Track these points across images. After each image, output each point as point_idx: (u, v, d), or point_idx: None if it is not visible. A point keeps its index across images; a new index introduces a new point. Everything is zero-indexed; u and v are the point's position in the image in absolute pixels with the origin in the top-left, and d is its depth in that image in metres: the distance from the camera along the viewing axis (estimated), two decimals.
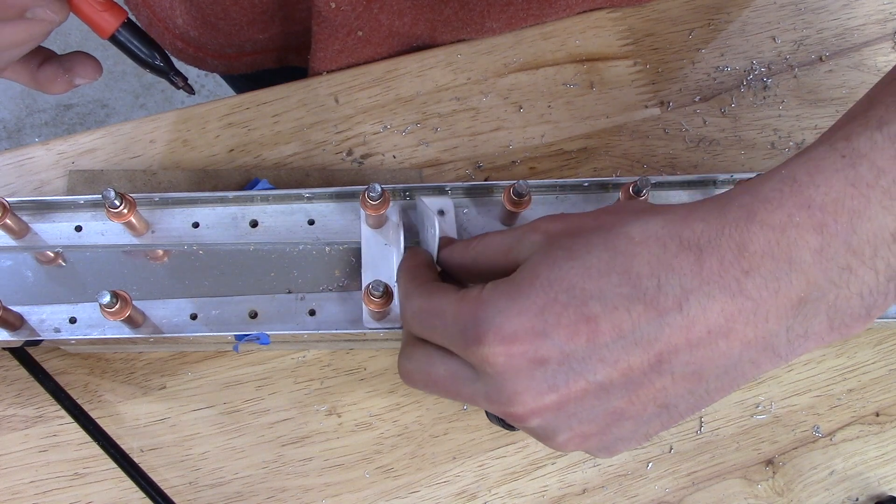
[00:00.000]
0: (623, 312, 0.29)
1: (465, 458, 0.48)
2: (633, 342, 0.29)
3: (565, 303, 0.30)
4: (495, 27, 0.55)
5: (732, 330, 0.29)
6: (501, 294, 0.31)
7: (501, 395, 0.31)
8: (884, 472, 0.50)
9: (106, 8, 0.41)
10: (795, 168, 0.30)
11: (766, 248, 0.28)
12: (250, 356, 0.48)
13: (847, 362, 0.51)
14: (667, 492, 0.48)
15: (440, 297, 0.34)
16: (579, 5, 0.56)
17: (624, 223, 0.31)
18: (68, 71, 0.43)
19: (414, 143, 0.53)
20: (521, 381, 0.30)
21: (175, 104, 1.53)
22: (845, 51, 0.57)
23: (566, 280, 0.30)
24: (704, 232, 0.29)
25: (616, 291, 0.29)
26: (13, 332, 0.44)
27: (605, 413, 0.31)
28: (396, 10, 0.52)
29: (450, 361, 0.33)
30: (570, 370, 0.30)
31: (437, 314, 0.33)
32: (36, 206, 0.46)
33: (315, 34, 0.52)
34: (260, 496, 0.46)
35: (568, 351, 0.30)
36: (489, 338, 0.30)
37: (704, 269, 0.29)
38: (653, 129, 0.54)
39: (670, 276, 0.29)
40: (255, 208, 0.47)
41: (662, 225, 0.30)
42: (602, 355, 0.30)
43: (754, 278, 0.28)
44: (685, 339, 0.29)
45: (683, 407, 0.31)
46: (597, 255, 0.30)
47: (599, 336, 0.29)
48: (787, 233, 0.28)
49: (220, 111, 0.53)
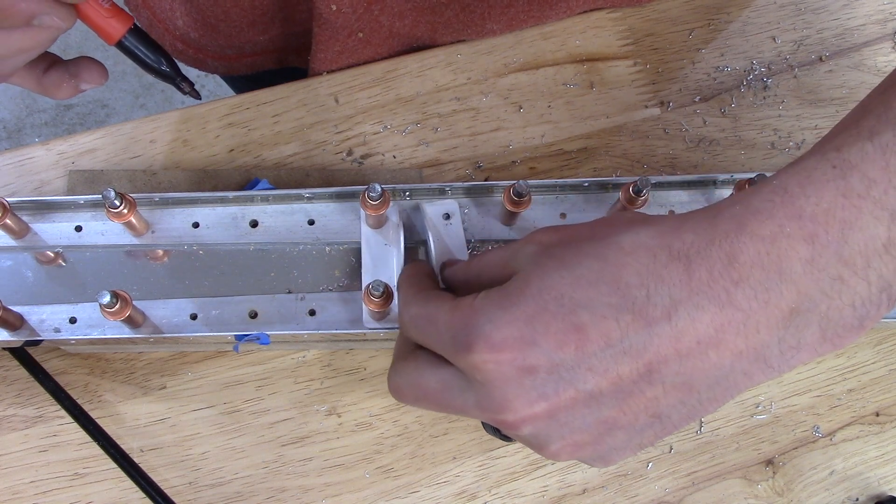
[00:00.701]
0: (611, 322, 0.29)
1: (465, 458, 0.48)
2: (621, 351, 0.29)
3: (554, 312, 0.30)
4: (496, 29, 0.55)
5: (722, 341, 0.29)
6: (492, 302, 0.32)
7: (492, 403, 0.31)
8: (884, 472, 0.50)
9: (112, 14, 0.41)
10: (787, 179, 0.30)
11: (756, 258, 0.28)
12: (250, 356, 0.48)
13: (847, 362, 0.51)
14: (667, 492, 0.48)
15: (436, 303, 0.34)
16: (579, 6, 0.56)
17: (616, 233, 0.31)
18: (74, 76, 0.43)
19: (414, 143, 0.53)
20: (510, 388, 0.31)
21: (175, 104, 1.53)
22: (845, 51, 0.57)
23: (556, 289, 0.30)
24: (694, 243, 0.29)
25: (605, 301, 0.30)
26: (13, 332, 0.44)
27: (597, 422, 0.31)
28: (397, 12, 0.52)
29: (441, 371, 0.34)
30: (560, 378, 0.30)
31: (431, 320, 0.34)
32: (36, 206, 0.46)
33: (315, 35, 0.52)
34: (260, 496, 0.46)
35: (557, 360, 0.30)
36: (479, 345, 0.31)
37: (693, 279, 0.29)
38: (653, 129, 0.54)
39: (659, 287, 0.29)
40: (255, 208, 0.47)
41: (653, 235, 0.30)
42: (591, 364, 0.30)
43: (744, 289, 0.28)
44: (674, 349, 0.29)
45: (676, 417, 0.31)
46: (587, 264, 0.31)
47: (588, 345, 0.30)
48: (777, 243, 0.28)
49: (220, 111, 0.53)
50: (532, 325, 0.30)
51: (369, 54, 0.54)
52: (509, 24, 0.55)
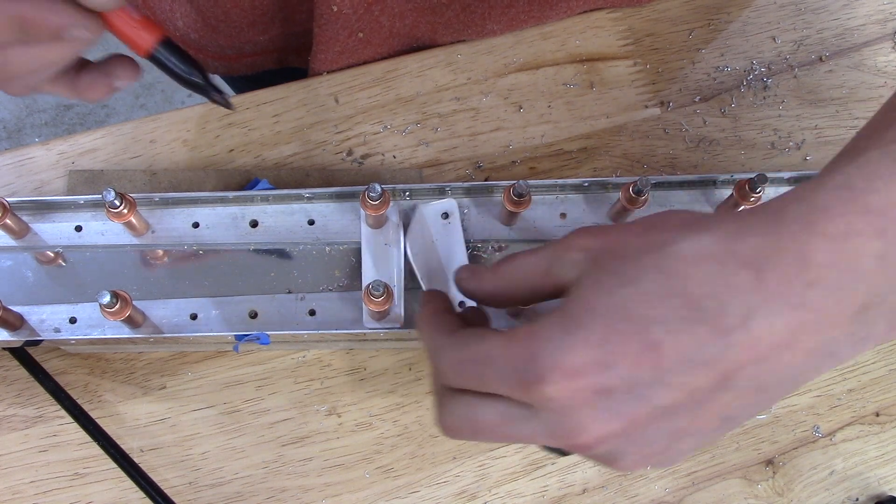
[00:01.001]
0: (686, 335, 0.29)
1: (465, 458, 0.48)
2: (698, 364, 0.29)
3: (626, 331, 0.29)
4: (496, 29, 0.55)
5: (796, 342, 0.29)
6: (557, 328, 0.30)
7: (565, 429, 0.31)
8: (884, 472, 0.50)
9: (143, 25, 0.39)
10: (849, 174, 0.29)
11: (830, 258, 0.28)
12: (250, 356, 0.48)
13: (847, 362, 0.51)
14: (667, 492, 0.48)
15: (479, 342, 0.32)
16: (580, 6, 0.56)
17: (673, 241, 0.30)
18: (108, 75, 0.41)
19: (414, 143, 0.53)
20: (586, 412, 0.30)
21: (175, 104, 1.53)
22: (845, 51, 0.57)
23: (624, 308, 0.30)
24: (761, 247, 0.29)
25: (677, 315, 0.29)
26: (13, 332, 0.44)
27: (670, 433, 0.31)
28: (397, 13, 0.52)
29: (498, 404, 0.32)
30: (636, 397, 0.30)
31: (482, 361, 0.32)
32: (36, 206, 0.46)
33: (316, 36, 0.52)
34: (260, 496, 0.46)
35: (633, 379, 0.29)
36: (552, 375, 0.30)
37: (766, 285, 0.28)
38: (653, 129, 0.54)
39: (731, 295, 0.29)
40: (255, 208, 0.47)
41: (714, 241, 0.30)
42: (667, 380, 0.29)
43: (818, 290, 0.28)
44: (750, 355, 0.29)
45: (744, 416, 0.31)
46: (651, 278, 0.30)
47: (664, 361, 0.29)
48: (849, 241, 0.28)
49: (220, 111, 0.53)
50: (605, 347, 0.29)
51: (369, 54, 0.54)
52: (510, 24, 0.55)
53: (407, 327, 0.45)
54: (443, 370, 0.34)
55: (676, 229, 0.31)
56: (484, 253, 0.47)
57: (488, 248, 0.47)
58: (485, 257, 0.47)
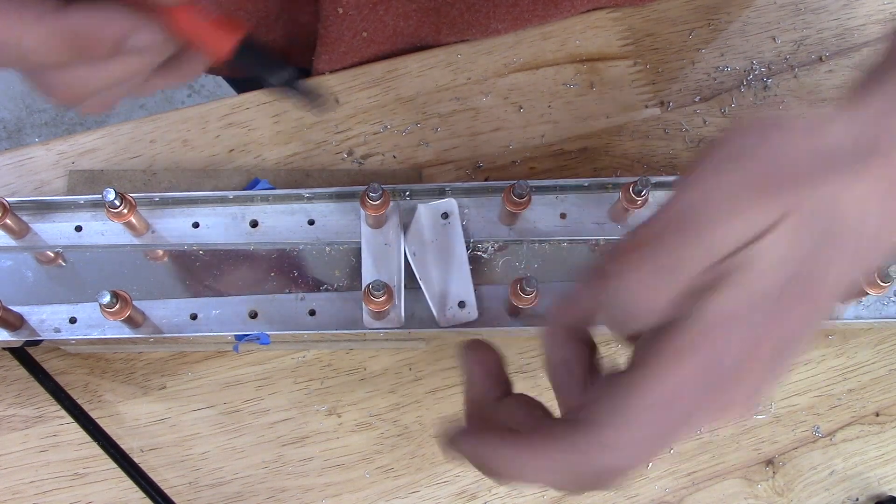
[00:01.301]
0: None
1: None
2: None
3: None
4: (500, 28, 0.55)
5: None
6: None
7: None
8: (884, 472, 0.50)
9: (219, 25, 0.33)
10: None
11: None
12: (250, 356, 0.48)
13: (847, 362, 0.51)
14: (667, 492, 0.48)
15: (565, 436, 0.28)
16: (583, 5, 0.56)
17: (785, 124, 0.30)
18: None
19: (414, 143, 0.53)
20: None
21: (175, 104, 1.53)
22: (845, 51, 0.57)
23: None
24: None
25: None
26: (13, 332, 0.44)
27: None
28: (402, 13, 0.52)
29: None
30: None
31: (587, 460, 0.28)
32: (36, 206, 0.46)
33: (321, 37, 0.52)
34: (260, 496, 0.46)
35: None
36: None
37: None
38: (653, 129, 0.54)
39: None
40: (255, 208, 0.47)
41: (873, 182, 0.29)
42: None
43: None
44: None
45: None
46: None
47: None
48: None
49: (220, 111, 0.53)
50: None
51: (372, 54, 0.54)
52: (514, 23, 0.55)
53: (407, 327, 0.45)
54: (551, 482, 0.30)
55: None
56: (484, 253, 0.47)
57: (488, 248, 0.47)
58: (484, 257, 0.47)
